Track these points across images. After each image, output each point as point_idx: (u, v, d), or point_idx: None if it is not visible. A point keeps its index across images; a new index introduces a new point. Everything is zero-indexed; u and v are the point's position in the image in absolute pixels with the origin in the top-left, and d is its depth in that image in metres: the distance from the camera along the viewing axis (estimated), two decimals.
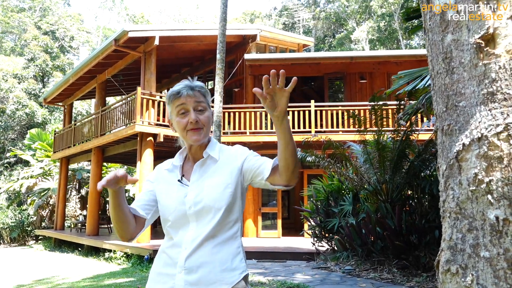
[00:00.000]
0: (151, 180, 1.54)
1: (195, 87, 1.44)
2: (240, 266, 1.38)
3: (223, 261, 1.35)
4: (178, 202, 1.41)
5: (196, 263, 1.34)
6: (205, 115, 1.44)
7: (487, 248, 1.05)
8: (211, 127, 1.50)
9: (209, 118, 1.46)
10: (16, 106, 23.68)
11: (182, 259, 1.36)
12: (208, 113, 1.46)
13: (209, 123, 1.46)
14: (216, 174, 1.43)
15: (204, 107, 1.45)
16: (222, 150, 1.51)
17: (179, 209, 1.40)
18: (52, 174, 18.22)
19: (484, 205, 1.07)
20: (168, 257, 1.40)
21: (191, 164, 1.49)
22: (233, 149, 1.50)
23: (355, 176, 7.40)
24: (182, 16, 43.97)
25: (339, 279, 6.02)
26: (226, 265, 1.35)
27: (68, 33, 32.91)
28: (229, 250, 1.37)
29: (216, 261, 1.35)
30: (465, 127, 1.12)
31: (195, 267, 1.34)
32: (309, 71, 13.08)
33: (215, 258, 1.35)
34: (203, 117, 1.44)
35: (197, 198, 1.39)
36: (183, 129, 1.43)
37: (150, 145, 10.19)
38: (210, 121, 1.47)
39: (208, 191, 1.39)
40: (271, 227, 11.86)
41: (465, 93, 1.13)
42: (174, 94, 1.43)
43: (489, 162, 1.06)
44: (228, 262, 1.36)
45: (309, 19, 32.88)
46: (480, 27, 1.10)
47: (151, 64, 10.87)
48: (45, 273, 8.88)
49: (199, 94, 1.45)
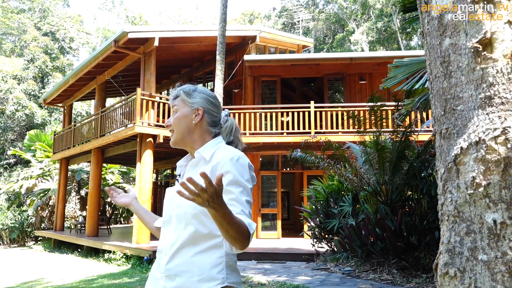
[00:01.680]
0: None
1: (175, 90, 1.49)
2: (218, 277, 1.28)
3: (201, 270, 1.28)
4: (168, 202, 1.42)
5: (174, 271, 1.31)
6: (175, 115, 1.44)
7: (485, 252, 1.06)
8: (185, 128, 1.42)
9: (179, 118, 1.43)
10: (15, 107, 23.68)
11: (163, 264, 1.35)
12: (180, 113, 1.43)
13: (179, 122, 1.42)
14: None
15: (176, 109, 1.46)
16: (219, 151, 1.38)
17: (167, 209, 1.41)
18: (52, 175, 18.22)
19: (482, 208, 1.07)
20: (157, 260, 1.42)
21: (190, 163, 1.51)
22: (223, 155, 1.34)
23: (355, 177, 7.41)
24: (182, 17, 44.00)
25: (338, 280, 6.02)
26: (203, 275, 1.28)
27: (68, 34, 32.93)
28: (209, 260, 1.29)
29: (194, 270, 1.29)
30: (463, 130, 1.13)
31: (173, 274, 1.31)
32: (309, 72, 13.09)
33: (193, 266, 1.29)
34: (172, 119, 1.44)
35: (179, 200, 1.33)
36: None
37: (150, 146, 10.19)
38: (181, 120, 1.42)
39: None
40: (270, 228, 11.86)
41: (463, 97, 1.14)
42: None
43: (487, 165, 1.07)
44: (206, 272, 1.28)
45: (308, 20, 32.91)
46: (478, 32, 1.11)
47: (151, 65, 10.88)
48: (40, 274, 8.87)
49: (173, 97, 1.48)
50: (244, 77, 12.99)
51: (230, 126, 1.49)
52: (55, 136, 15.94)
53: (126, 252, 9.68)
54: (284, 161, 12.55)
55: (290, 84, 15.22)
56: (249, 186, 1.30)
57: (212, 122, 1.47)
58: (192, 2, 60.92)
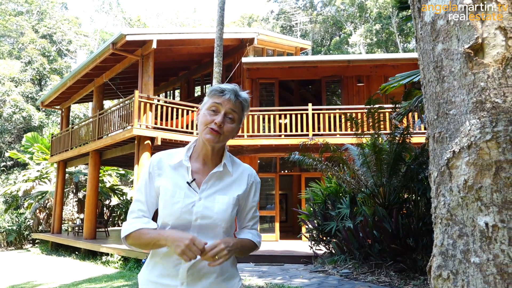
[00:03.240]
0: (153, 172, 1.43)
1: (239, 96, 1.42)
2: (237, 273, 1.46)
3: (223, 270, 1.39)
4: (185, 210, 1.35)
5: (199, 274, 1.35)
6: (232, 125, 1.40)
7: (477, 254, 1.07)
8: (229, 139, 1.47)
9: (233, 130, 1.42)
10: (13, 109, 23.63)
11: (183, 271, 1.34)
12: (235, 125, 1.42)
13: (230, 133, 1.41)
14: (228, 191, 1.42)
15: (235, 118, 1.41)
16: (234, 163, 1.49)
17: (183, 217, 1.35)
18: (50, 178, 18.17)
19: (474, 211, 1.09)
20: (164, 267, 1.37)
21: (200, 167, 1.43)
22: (246, 170, 1.52)
23: (353, 179, 7.42)
24: (180, 19, 44.04)
25: (336, 283, 6.03)
26: (227, 273, 1.40)
27: (66, 37, 32.91)
28: (228, 260, 1.38)
29: (218, 270, 1.37)
30: (455, 134, 1.15)
31: (198, 277, 1.34)
32: (307, 74, 13.13)
33: (216, 267, 1.35)
34: (228, 127, 1.39)
35: (207, 212, 1.36)
36: (205, 124, 1.38)
37: (148, 148, 10.19)
38: (232, 133, 1.42)
39: (219, 208, 1.38)
40: (268, 230, 11.86)
41: (455, 102, 1.16)
42: (217, 91, 1.40)
43: (479, 169, 1.08)
44: (229, 270, 1.41)
45: (306, 22, 33.00)
46: (469, 37, 1.12)
47: (149, 67, 10.89)
48: (32, 276, 8.84)
49: (239, 105, 1.41)
50: (242, 79, 13.01)
51: None
52: (53, 138, 15.92)
53: (124, 254, 9.66)
54: (282, 163, 12.56)
55: (288, 86, 15.25)
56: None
57: None
58: (189, 4, 61.04)
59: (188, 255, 1.24)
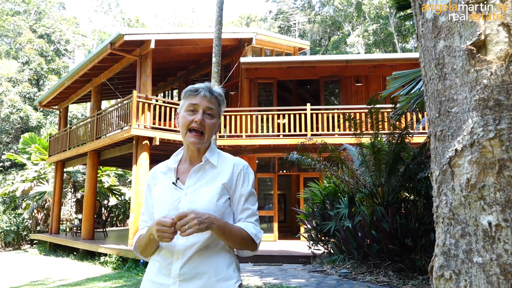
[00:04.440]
0: (150, 184, 1.50)
1: (214, 92, 1.45)
2: (234, 275, 1.37)
3: (218, 271, 1.34)
4: (172, 207, 1.38)
5: (191, 274, 1.32)
6: (212, 121, 1.43)
7: (480, 254, 1.05)
8: (213, 135, 1.48)
9: (215, 125, 1.45)
10: (10, 109, 23.55)
11: (176, 269, 1.33)
12: (215, 120, 1.45)
13: (212, 130, 1.44)
14: (213, 182, 1.41)
15: (214, 113, 1.44)
16: (221, 157, 1.48)
17: (171, 214, 1.34)
18: (48, 178, 18.12)
19: (476, 210, 1.07)
20: (161, 266, 1.38)
21: (187, 167, 1.46)
22: (233, 160, 1.48)
23: (351, 179, 7.41)
24: (178, 19, 44.00)
25: (335, 283, 6.01)
26: (221, 275, 1.34)
27: (64, 37, 32.82)
28: (223, 260, 1.36)
29: (211, 271, 1.33)
30: (458, 132, 1.13)
31: (190, 277, 1.32)
32: (305, 74, 13.12)
33: (210, 268, 1.33)
34: (209, 122, 1.42)
35: (192, 205, 1.36)
36: (186, 126, 1.41)
37: (146, 148, 10.16)
38: (214, 129, 1.45)
39: (204, 199, 1.37)
40: (267, 230, 11.83)
41: (457, 99, 1.14)
42: (191, 91, 1.44)
43: (482, 167, 1.07)
44: (224, 272, 1.35)
45: (304, 22, 33.00)
46: (472, 34, 1.11)
47: (147, 67, 10.86)
48: (32, 277, 8.80)
49: (215, 100, 1.45)
50: (240, 79, 12.99)
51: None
52: (51, 138, 15.86)
53: (122, 255, 9.63)
54: (280, 163, 12.54)
55: (286, 86, 15.24)
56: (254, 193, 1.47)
57: None
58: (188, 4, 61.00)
59: (165, 237, 1.25)
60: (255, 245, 1.41)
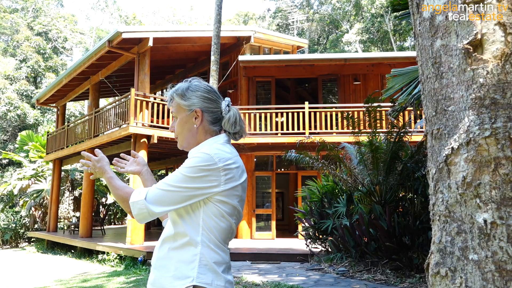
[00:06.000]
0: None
1: (171, 95, 1.45)
2: (190, 274, 1.26)
3: (175, 266, 1.29)
4: None
5: (155, 264, 1.35)
6: (177, 122, 1.44)
7: (475, 251, 1.06)
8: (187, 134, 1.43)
9: (180, 124, 1.42)
10: (7, 107, 23.48)
11: (153, 256, 1.40)
12: (179, 119, 1.42)
13: (182, 128, 1.42)
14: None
15: (175, 114, 1.44)
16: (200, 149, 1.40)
17: None
18: (45, 176, 18.09)
19: (472, 208, 1.08)
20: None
21: None
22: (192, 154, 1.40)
23: (349, 177, 7.43)
24: (176, 17, 43.90)
25: (333, 281, 6.03)
26: (177, 271, 1.28)
27: (61, 34, 32.71)
28: (184, 256, 1.28)
29: (170, 265, 1.30)
30: (454, 131, 1.14)
31: (154, 267, 1.35)
32: (303, 72, 13.12)
33: (170, 262, 1.30)
34: (176, 125, 1.44)
35: None
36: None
37: (144, 146, 10.15)
38: (183, 128, 1.41)
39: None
40: (265, 229, 11.86)
41: (454, 98, 1.15)
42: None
43: (477, 166, 1.08)
44: (180, 268, 1.28)
45: (303, 20, 32.97)
46: (468, 33, 1.12)
47: (145, 65, 10.85)
48: (30, 275, 8.80)
49: (170, 101, 1.45)
50: (238, 77, 12.99)
51: (234, 116, 1.41)
52: (49, 136, 15.83)
53: (120, 253, 9.63)
54: (278, 162, 12.56)
55: (285, 84, 15.24)
56: (185, 175, 1.28)
57: (213, 120, 1.42)
58: (186, 2, 60.85)
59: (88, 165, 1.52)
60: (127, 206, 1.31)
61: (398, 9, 5.36)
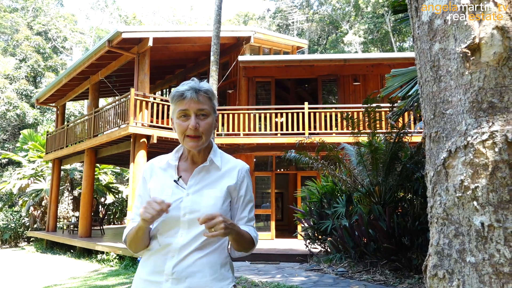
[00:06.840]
0: (146, 178, 1.47)
1: (200, 90, 1.36)
2: (229, 275, 1.38)
3: (212, 270, 1.33)
4: (173, 206, 1.34)
5: (184, 273, 1.31)
6: (206, 121, 1.37)
7: (473, 254, 1.07)
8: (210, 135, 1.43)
9: (211, 124, 1.39)
10: (7, 107, 23.47)
11: (169, 267, 1.32)
12: (211, 119, 1.39)
13: (209, 130, 1.39)
14: (217, 184, 1.40)
15: (207, 112, 1.37)
16: (223, 158, 1.46)
17: (172, 214, 1.34)
18: (45, 175, 18.08)
19: (470, 211, 1.09)
20: (155, 264, 1.36)
21: (189, 165, 1.43)
22: (236, 163, 1.46)
23: (349, 178, 7.44)
24: (176, 17, 43.89)
25: (332, 281, 6.04)
26: (216, 274, 1.34)
27: (61, 34, 32.70)
28: (219, 260, 1.36)
29: (205, 270, 1.32)
30: (452, 134, 1.15)
31: (183, 276, 1.31)
32: (303, 73, 13.13)
33: (204, 267, 1.32)
34: (204, 124, 1.36)
35: (195, 206, 1.35)
36: (182, 133, 1.37)
37: (144, 146, 10.16)
38: (211, 128, 1.40)
39: (207, 201, 1.36)
40: (264, 229, 11.86)
41: (452, 101, 1.16)
42: (178, 96, 1.36)
43: (475, 169, 1.09)
44: (218, 272, 1.34)
45: (302, 21, 32.98)
46: (467, 37, 1.12)
47: (145, 65, 10.85)
48: (29, 275, 8.79)
49: (204, 98, 1.37)
50: (238, 78, 12.99)
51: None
52: (48, 136, 15.83)
53: (119, 253, 9.63)
54: (278, 162, 12.57)
55: (284, 85, 15.25)
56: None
57: None
58: (186, 2, 60.85)
59: (148, 212, 1.24)
60: (254, 247, 1.46)
61: (399, 10, 5.37)
